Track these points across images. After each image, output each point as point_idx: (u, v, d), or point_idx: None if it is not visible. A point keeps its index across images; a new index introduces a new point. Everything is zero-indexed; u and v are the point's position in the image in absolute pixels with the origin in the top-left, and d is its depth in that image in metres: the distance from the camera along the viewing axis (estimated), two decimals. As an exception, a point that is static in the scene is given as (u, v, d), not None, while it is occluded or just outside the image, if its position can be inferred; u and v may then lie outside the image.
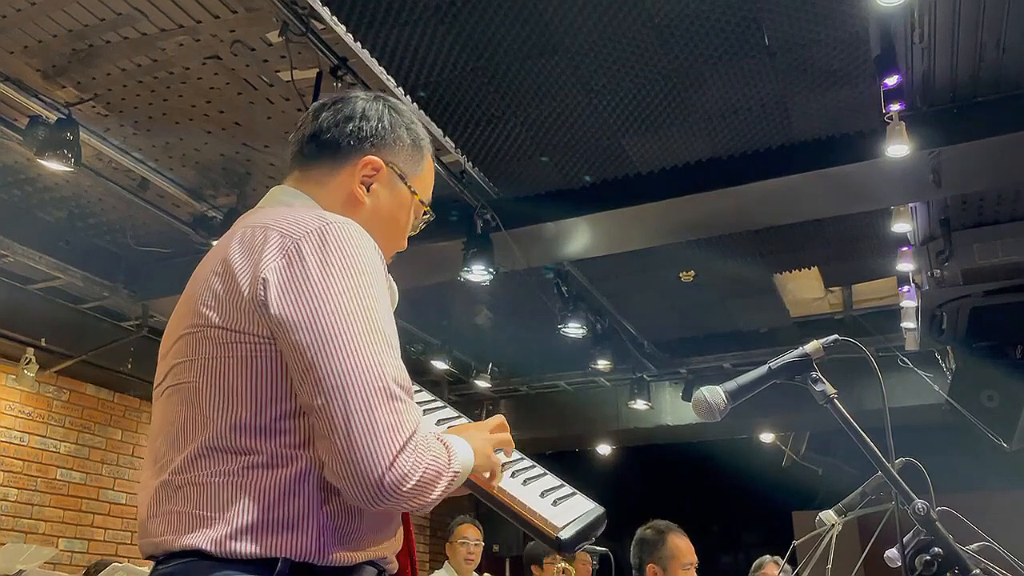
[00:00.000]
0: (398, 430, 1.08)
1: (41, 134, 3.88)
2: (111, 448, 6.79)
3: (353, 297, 1.12)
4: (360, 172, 1.35)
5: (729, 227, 4.89)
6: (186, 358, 1.19)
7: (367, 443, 1.06)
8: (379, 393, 1.09)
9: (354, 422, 1.07)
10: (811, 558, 2.08)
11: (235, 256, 1.18)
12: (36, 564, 4.60)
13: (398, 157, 1.39)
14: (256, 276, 1.14)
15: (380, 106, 1.40)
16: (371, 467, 1.06)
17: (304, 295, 1.11)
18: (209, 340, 1.16)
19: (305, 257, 1.13)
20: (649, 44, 3.60)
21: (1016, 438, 5.54)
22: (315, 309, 1.10)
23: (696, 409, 1.51)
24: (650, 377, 7.77)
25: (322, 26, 3.44)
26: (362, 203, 1.35)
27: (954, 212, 4.82)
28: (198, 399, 1.15)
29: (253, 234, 1.19)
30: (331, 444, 1.08)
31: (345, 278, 1.13)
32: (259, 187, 4.80)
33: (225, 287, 1.16)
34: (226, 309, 1.15)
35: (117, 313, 6.13)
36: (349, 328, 1.10)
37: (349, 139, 1.36)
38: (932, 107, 3.92)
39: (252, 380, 1.13)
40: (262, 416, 1.12)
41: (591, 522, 1.29)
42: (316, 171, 1.36)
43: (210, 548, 1.08)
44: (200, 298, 1.19)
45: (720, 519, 10.13)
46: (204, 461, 1.12)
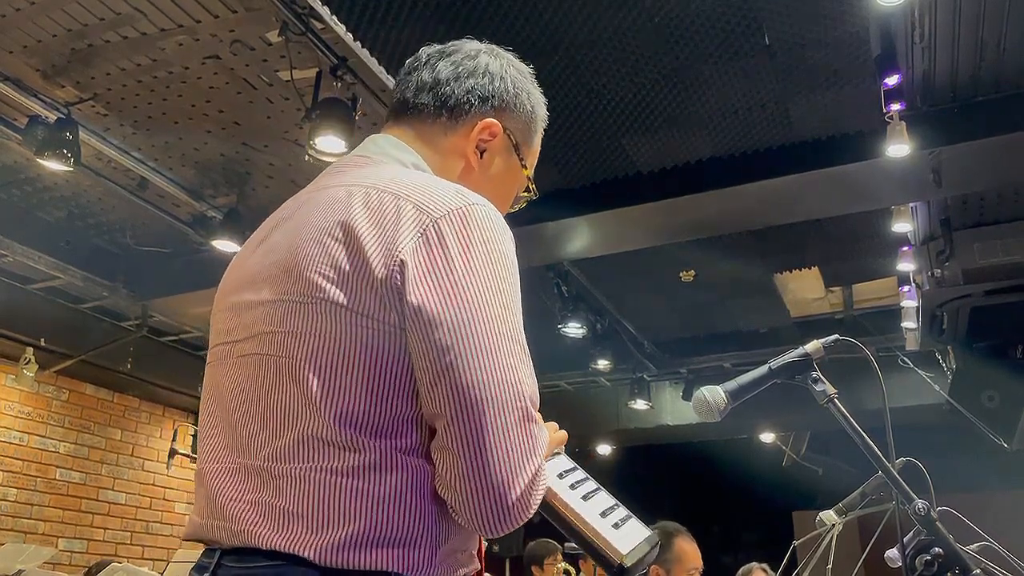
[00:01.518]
0: (532, 456, 0.99)
1: (41, 134, 3.88)
2: (111, 448, 6.80)
3: (498, 297, 1.01)
4: (477, 135, 1.22)
5: (729, 227, 4.88)
6: (282, 328, 1.03)
7: (502, 468, 0.97)
8: (517, 413, 0.99)
9: (489, 442, 0.97)
10: (811, 558, 2.07)
11: (362, 224, 1.02)
12: (36, 564, 4.60)
13: (516, 124, 1.26)
14: (392, 255, 0.99)
15: (504, 63, 1.26)
16: (503, 494, 0.97)
17: (447, 288, 0.98)
18: (324, 316, 1.00)
19: (447, 243, 1.00)
20: (649, 44, 3.60)
21: (1016, 438, 5.54)
22: (458, 307, 0.98)
23: (696, 409, 1.51)
24: (650, 377, 7.77)
25: (322, 26, 3.44)
26: (474, 169, 1.23)
27: (954, 212, 4.82)
28: (302, 380, 1.00)
29: (381, 200, 1.04)
30: (458, 461, 0.97)
31: (489, 273, 1.01)
32: (259, 187, 4.81)
33: (351, 260, 1.01)
34: (353, 287, 1.00)
35: (117, 313, 6.14)
36: (492, 333, 0.99)
37: (470, 96, 1.22)
38: (932, 107, 3.92)
39: (373, 370, 0.99)
40: (379, 412, 0.99)
41: (650, 550, 1.24)
42: (428, 126, 1.23)
43: (311, 556, 0.96)
44: (312, 263, 1.03)
45: (720, 519, 10.13)
46: (306, 453, 0.99)
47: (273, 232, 1.15)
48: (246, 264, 1.16)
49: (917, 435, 4.38)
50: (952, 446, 6.53)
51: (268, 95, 3.98)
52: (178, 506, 7.31)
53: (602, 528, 1.17)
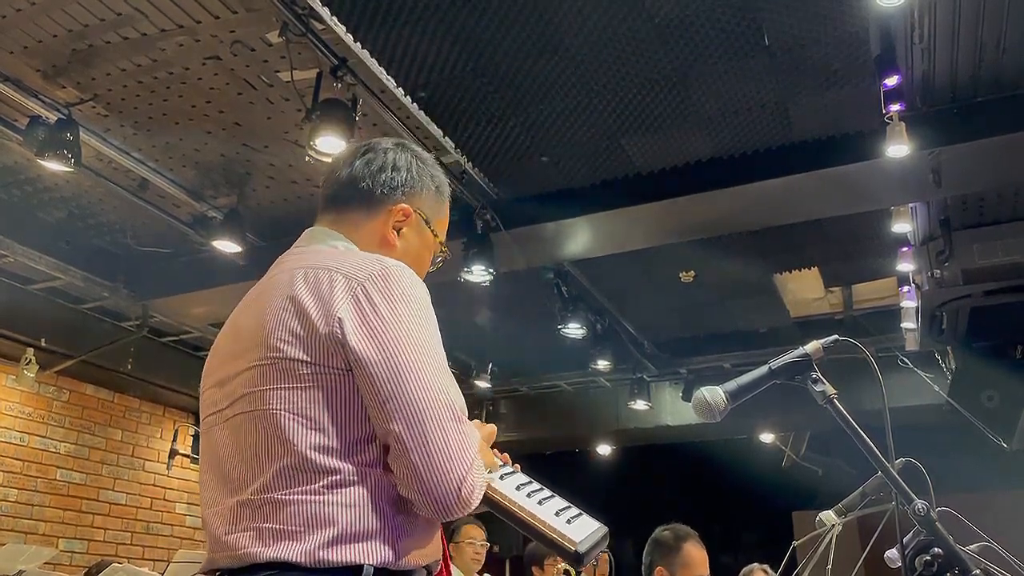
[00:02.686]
0: (467, 449, 1.24)
1: (41, 134, 3.88)
2: (111, 448, 6.79)
3: (418, 333, 1.27)
4: (393, 218, 1.49)
5: (729, 227, 4.89)
6: (258, 387, 1.28)
7: (444, 462, 1.21)
8: (449, 418, 1.23)
9: (431, 444, 1.21)
10: (811, 558, 2.07)
11: (305, 297, 1.29)
12: (36, 564, 4.60)
13: (424, 203, 1.53)
14: (331, 316, 1.25)
15: (408, 156, 1.54)
16: (449, 483, 1.20)
17: (377, 333, 1.24)
18: (288, 371, 1.26)
19: (373, 298, 1.26)
20: (649, 44, 3.60)
21: (1016, 438, 5.54)
22: (388, 346, 1.23)
23: (696, 409, 1.51)
24: (650, 377, 7.77)
25: (322, 26, 3.44)
26: (394, 246, 1.48)
27: (954, 212, 4.82)
28: (278, 424, 1.25)
29: (317, 277, 1.31)
30: (409, 463, 1.21)
31: (410, 317, 1.27)
32: (259, 187, 4.81)
33: (303, 325, 1.27)
34: (307, 345, 1.26)
35: (117, 313, 6.14)
36: (418, 362, 1.24)
37: (383, 188, 1.49)
38: (932, 107, 3.92)
39: (333, 406, 1.24)
40: (343, 438, 1.24)
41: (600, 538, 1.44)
42: (352, 215, 1.49)
43: (299, 559, 1.19)
44: (273, 333, 1.29)
45: (720, 519, 10.11)
46: (289, 480, 1.23)
47: (239, 318, 1.41)
48: (223, 348, 1.41)
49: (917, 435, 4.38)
50: (952, 446, 6.52)
51: (268, 96, 3.99)
52: (178, 506, 7.31)
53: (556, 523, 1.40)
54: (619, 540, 4.02)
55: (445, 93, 3.91)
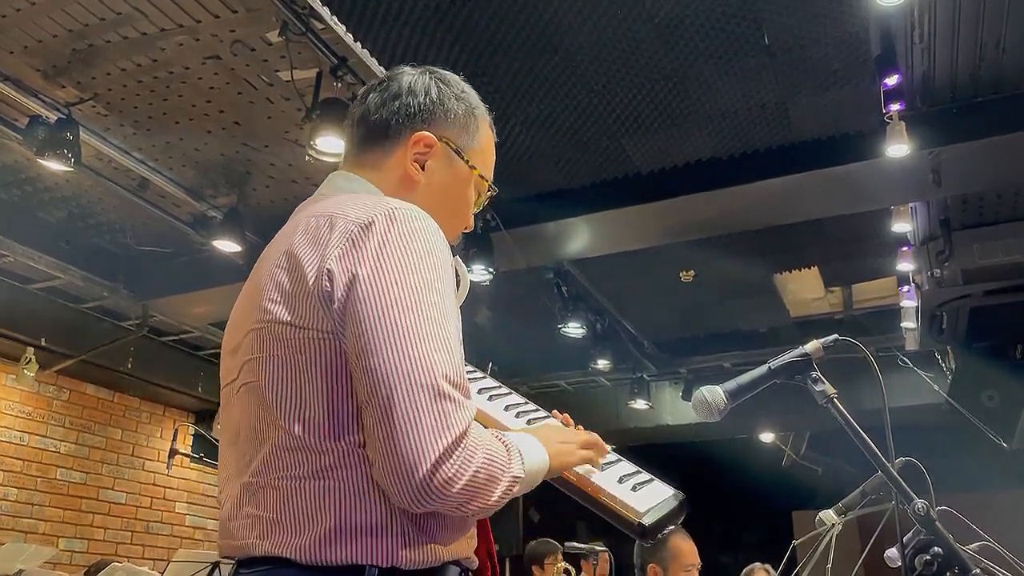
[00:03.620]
0: (444, 430, 1.02)
1: (41, 134, 3.88)
2: (111, 448, 6.79)
3: (412, 287, 1.07)
4: (412, 150, 1.29)
5: (729, 227, 4.89)
6: (255, 354, 1.14)
7: (410, 443, 1.01)
8: (426, 391, 1.02)
9: (397, 420, 1.01)
10: (811, 558, 2.08)
11: (300, 247, 1.13)
12: (36, 564, 4.60)
13: (451, 130, 1.32)
14: (321, 268, 1.09)
15: (427, 79, 1.34)
16: (413, 468, 1.00)
17: (364, 285, 1.06)
18: (275, 337, 1.11)
19: (367, 243, 1.09)
20: (649, 44, 3.60)
21: (1016, 438, 5.54)
22: (372, 300, 1.05)
23: (696, 409, 1.51)
24: (650, 377, 7.77)
25: (322, 26, 3.44)
26: (417, 182, 1.29)
27: (954, 212, 4.82)
28: (268, 398, 1.10)
29: (318, 223, 1.15)
30: (374, 442, 1.03)
31: (407, 268, 1.08)
32: (259, 187, 4.81)
33: (292, 281, 1.11)
34: (293, 304, 1.10)
35: (117, 313, 6.13)
36: (403, 320, 1.04)
37: (397, 117, 1.30)
38: (932, 107, 3.92)
39: (323, 377, 1.08)
40: (334, 415, 1.07)
41: (673, 508, 1.27)
42: (370, 154, 1.31)
43: (294, 556, 1.05)
44: (265, 292, 1.14)
45: (720, 519, 10.11)
46: (278, 463, 1.08)
47: (254, 274, 1.27)
48: (236, 309, 1.27)
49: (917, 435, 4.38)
50: (952, 446, 6.52)
51: (268, 95, 3.98)
52: (178, 506, 7.31)
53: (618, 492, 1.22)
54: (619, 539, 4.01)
55: (445, 93, 3.90)
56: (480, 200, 1.39)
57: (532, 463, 1.15)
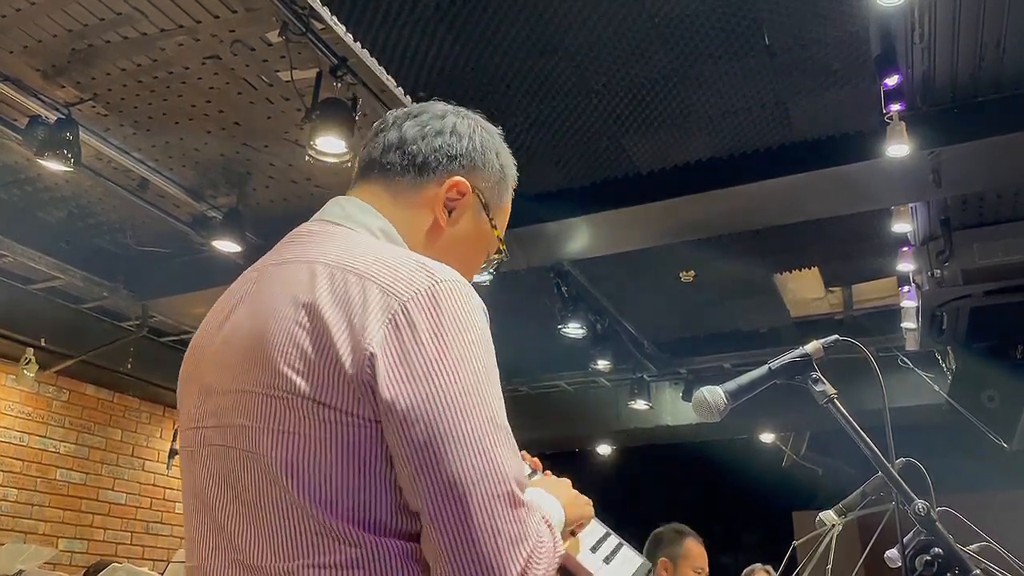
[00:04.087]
0: (523, 539, 0.95)
1: (41, 134, 3.88)
2: (111, 448, 6.80)
3: (473, 383, 0.97)
4: (445, 193, 1.20)
5: (729, 227, 4.88)
6: (257, 424, 1.00)
7: (492, 557, 0.93)
8: (503, 500, 0.95)
9: (476, 532, 0.93)
10: (811, 558, 2.07)
11: (328, 310, 0.99)
12: (36, 564, 4.60)
13: (485, 183, 1.25)
14: (361, 348, 0.95)
15: (471, 123, 1.27)
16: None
17: (419, 379, 0.95)
18: (296, 411, 0.97)
19: (417, 329, 0.96)
20: (649, 44, 3.60)
21: (1016, 438, 5.54)
22: (433, 398, 0.95)
23: (696, 409, 1.51)
24: (650, 377, 7.76)
25: (322, 26, 3.44)
26: (442, 229, 1.20)
27: (954, 212, 4.82)
28: (282, 479, 0.97)
29: (346, 283, 1.00)
30: (448, 555, 0.94)
31: (463, 358, 0.97)
32: (259, 187, 4.81)
33: (318, 351, 0.97)
34: (321, 380, 0.96)
35: (117, 313, 6.14)
36: (470, 422, 0.95)
37: (437, 155, 1.20)
38: (932, 107, 3.92)
39: (353, 464, 0.96)
40: (370, 505, 0.97)
41: None
42: (395, 186, 1.20)
43: None
44: (280, 351, 0.99)
45: (720, 519, 10.11)
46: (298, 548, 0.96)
47: (236, 310, 1.13)
48: (210, 344, 1.13)
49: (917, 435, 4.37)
50: (952, 446, 6.52)
51: (268, 95, 3.98)
52: (178, 506, 7.31)
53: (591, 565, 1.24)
54: (619, 540, 3.98)
55: (445, 93, 3.89)
56: (489, 263, 1.31)
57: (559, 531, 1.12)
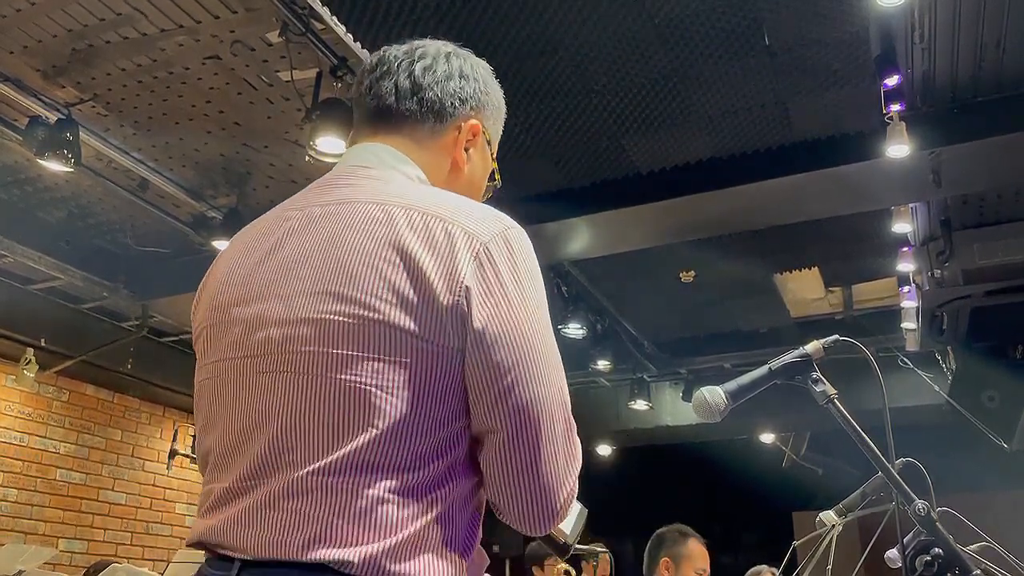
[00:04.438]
0: (574, 462, 1.09)
1: (41, 134, 3.88)
2: (111, 448, 6.79)
3: (542, 317, 1.07)
4: (464, 137, 1.25)
5: (729, 227, 4.88)
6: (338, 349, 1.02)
7: (552, 475, 1.05)
8: (563, 424, 1.07)
9: (543, 453, 1.04)
10: (811, 559, 2.07)
11: (418, 250, 1.03)
12: (36, 564, 4.59)
13: (489, 120, 1.32)
14: (457, 282, 1.01)
15: (473, 64, 1.30)
16: (553, 498, 1.06)
17: (504, 311, 1.03)
18: (384, 339, 1.01)
19: (499, 267, 1.04)
20: (649, 44, 3.60)
21: (1016, 438, 5.54)
22: (516, 328, 1.03)
23: (696, 409, 1.51)
24: (650, 377, 7.76)
25: (322, 26, 3.44)
26: (463, 171, 1.26)
27: (954, 212, 4.82)
28: (364, 401, 1.00)
29: (427, 224, 1.05)
30: (513, 470, 1.03)
31: (535, 295, 1.07)
32: (259, 187, 4.81)
33: (417, 288, 1.01)
34: (420, 315, 1.01)
35: (117, 313, 6.14)
36: (544, 351, 1.05)
37: (452, 100, 1.24)
38: (932, 107, 3.92)
39: (433, 391, 1.02)
40: (442, 431, 1.03)
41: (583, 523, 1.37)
42: (415, 132, 1.23)
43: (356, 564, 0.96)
44: (367, 286, 1.02)
45: (720, 519, 10.11)
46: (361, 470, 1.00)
47: (285, 243, 1.12)
48: (253, 274, 1.12)
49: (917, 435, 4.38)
50: (952, 446, 6.52)
51: (268, 95, 3.98)
52: (178, 506, 7.31)
53: None
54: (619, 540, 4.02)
55: (445, 93, 3.90)
56: (488, 189, 1.37)
57: None
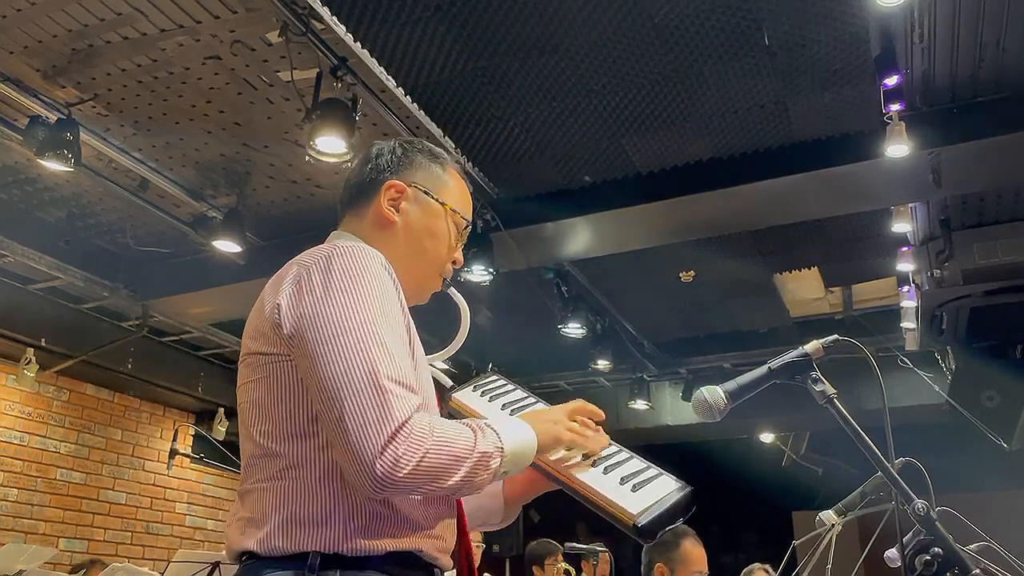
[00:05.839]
0: (386, 419, 1.15)
1: (41, 134, 3.88)
2: (111, 448, 6.79)
3: (349, 308, 1.23)
4: (385, 196, 1.48)
5: (729, 227, 4.89)
6: (241, 382, 1.35)
7: (359, 436, 1.14)
8: (369, 390, 1.17)
9: (346, 416, 1.16)
10: (811, 558, 2.08)
11: (267, 291, 1.34)
12: (36, 564, 4.59)
13: (417, 176, 1.51)
14: (274, 303, 1.28)
15: (392, 143, 1.55)
16: (361, 456, 1.14)
17: (306, 311, 1.24)
18: (249, 366, 1.32)
19: (312, 279, 1.27)
20: (649, 44, 3.60)
21: (1016, 438, 5.54)
22: (313, 322, 1.22)
23: (696, 409, 1.51)
24: (650, 377, 7.76)
25: (322, 26, 3.44)
26: (393, 222, 1.47)
27: (954, 212, 4.82)
28: (247, 416, 1.31)
29: (284, 271, 1.34)
30: (335, 443, 1.19)
31: (344, 292, 1.24)
32: (259, 187, 4.81)
33: (258, 317, 1.32)
34: (258, 336, 1.31)
35: (117, 313, 6.13)
36: (343, 336, 1.20)
37: (370, 175, 1.51)
38: (932, 107, 3.92)
39: (279, 393, 1.26)
40: (289, 424, 1.25)
41: (673, 504, 1.29)
42: (354, 212, 1.51)
43: (257, 548, 1.21)
44: (247, 331, 1.36)
45: (720, 519, 10.10)
46: (252, 470, 1.28)
47: None
48: None
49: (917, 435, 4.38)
50: (952, 446, 6.53)
51: (268, 95, 3.98)
52: (178, 506, 7.31)
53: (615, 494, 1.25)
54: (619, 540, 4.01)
55: (445, 93, 3.91)
56: (461, 235, 1.55)
57: (516, 438, 1.29)
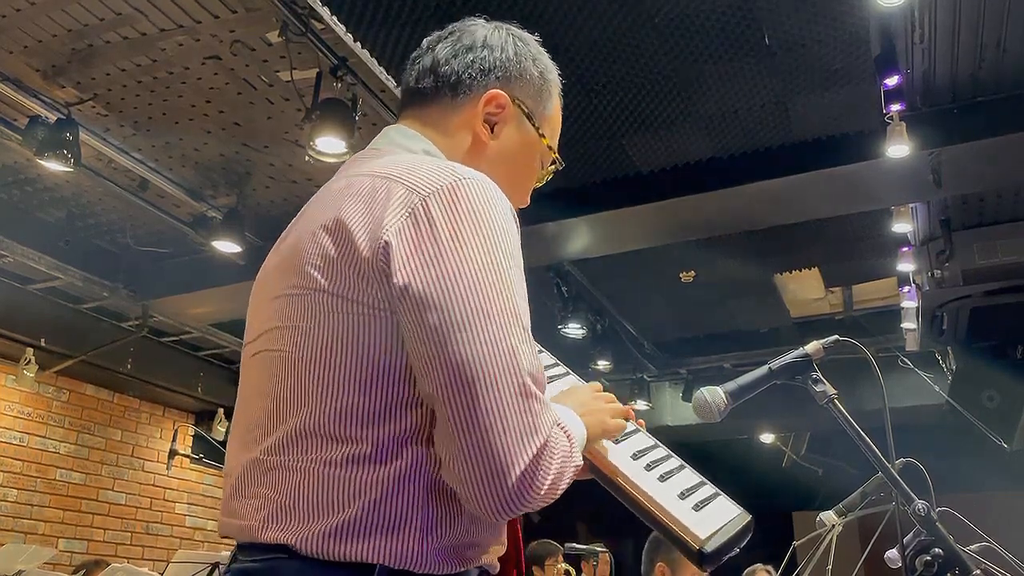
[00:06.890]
0: (533, 434, 0.93)
1: (41, 134, 3.88)
2: (111, 448, 6.79)
3: (489, 272, 0.96)
4: (483, 109, 1.19)
5: (729, 227, 4.88)
6: (285, 323, 1.03)
7: (499, 447, 0.92)
8: (514, 389, 0.93)
9: (485, 423, 0.92)
10: (811, 559, 2.07)
11: (351, 211, 1.01)
12: (36, 564, 4.59)
13: (524, 92, 1.25)
14: (377, 237, 0.97)
15: (503, 34, 1.26)
16: (503, 475, 0.91)
17: (434, 266, 0.95)
18: (315, 305, 1.00)
19: (435, 219, 0.97)
20: (649, 44, 3.60)
21: (1016, 438, 5.54)
22: (447, 284, 0.94)
23: (696, 409, 1.51)
24: (650, 377, 7.76)
25: (322, 26, 3.44)
26: (486, 144, 1.19)
27: (954, 212, 4.82)
28: (297, 372, 1.00)
29: (373, 185, 1.02)
30: (455, 443, 0.93)
31: (481, 248, 0.97)
32: (259, 187, 4.81)
33: (338, 247, 0.99)
34: (338, 272, 0.99)
35: (117, 313, 6.13)
36: (485, 310, 0.94)
37: (470, 71, 1.20)
38: (932, 107, 3.92)
39: (363, 357, 0.97)
40: (372, 401, 0.96)
41: (738, 532, 1.16)
42: (434, 109, 1.20)
43: (299, 546, 0.94)
44: (306, 255, 1.02)
45: (720, 519, 10.12)
46: (301, 445, 0.98)
47: (289, 233, 1.16)
48: (266, 267, 1.17)
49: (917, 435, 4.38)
50: (952, 446, 6.52)
51: (268, 95, 3.98)
52: (178, 507, 7.31)
53: (678, 510, 1.09)
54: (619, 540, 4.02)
55: (445, 93, 3.90)
56: (544, 173, 1.31)
57: (579, 433, 1.06)
